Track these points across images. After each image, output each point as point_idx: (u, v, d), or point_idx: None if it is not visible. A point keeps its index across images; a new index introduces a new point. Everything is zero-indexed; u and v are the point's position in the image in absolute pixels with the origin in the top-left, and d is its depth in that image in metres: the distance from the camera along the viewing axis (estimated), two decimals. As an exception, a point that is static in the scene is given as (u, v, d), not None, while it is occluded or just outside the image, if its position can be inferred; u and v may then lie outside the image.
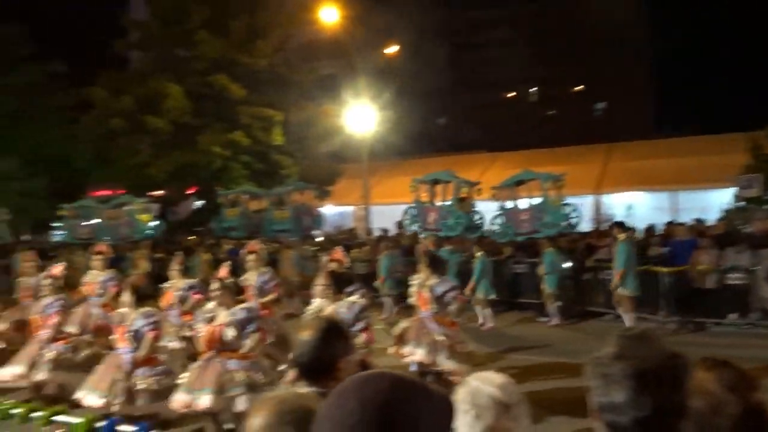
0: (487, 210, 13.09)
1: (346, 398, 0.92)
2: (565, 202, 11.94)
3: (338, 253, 6.33)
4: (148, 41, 21.76)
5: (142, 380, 5.27)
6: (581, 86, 34.41)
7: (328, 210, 21.32)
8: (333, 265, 5.93)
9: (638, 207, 19.61)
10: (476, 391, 1.72)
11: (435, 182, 13.37)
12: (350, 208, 24.17)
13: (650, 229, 13.62)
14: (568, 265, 11.55)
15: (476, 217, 12.89)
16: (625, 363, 1.29)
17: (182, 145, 19.71)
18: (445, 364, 5.58)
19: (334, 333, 2.02)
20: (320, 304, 5.76)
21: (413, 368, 5.83)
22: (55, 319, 6.05)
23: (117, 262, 12.20)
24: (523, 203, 12.50)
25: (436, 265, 6.00)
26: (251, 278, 6.95)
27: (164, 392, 5.31)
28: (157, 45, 21.41)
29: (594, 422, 1.35)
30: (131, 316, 5.47)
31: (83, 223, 16.88)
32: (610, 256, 11.24)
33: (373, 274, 12.55)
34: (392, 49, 21.99)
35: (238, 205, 17.09)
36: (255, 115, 19.79)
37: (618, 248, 9.78)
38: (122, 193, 21.36)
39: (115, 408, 5.04)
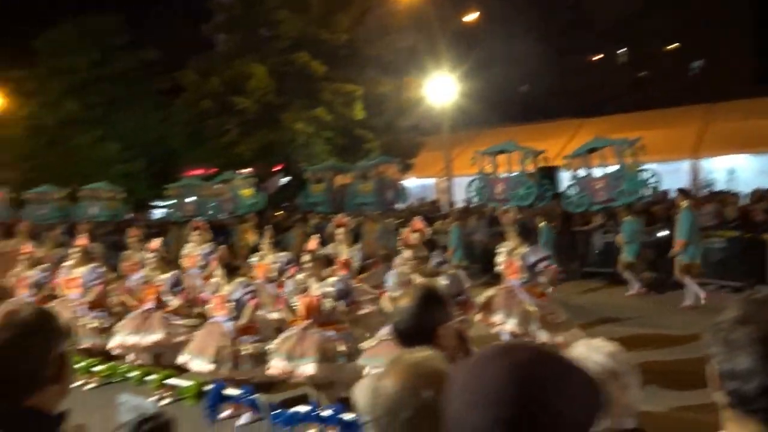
0: (564, 178, 12.82)
1: (486, 367, 0.86)
2: (642, 167, 11.41)
3: (418, 223, 6.36)
4: (232, 23, 22.41)
5: (246, 347, 5.53)
6: (675, 44, 32.23)
7: (410, 183, 21.36)
8: (415, 236, 5.96)
9: (741, 171, 18.35)
10: (584, 358, 1.69)
11: (500, 153, 13.27)
12: (432, 180, 24.12)
13: (755, 194, 12.75)
14: (664, 233, 11.06)
15: (546, 186, 12.72)
16: (750, 327, 1.21)
17: (267, 123, 20.30)
18: (537, 335, 5.48)
19: (432, 299, 2.03)
20: (404, 275, 5.80)
21: (505, 337, 5.77)
22: (183, 296, 6.46)
23: (222, 237, 12.88)
24: (598, 171, 12.11)
25: (526, 234, 5.88)
26: (341, 251, 7.10)
27: (262, 358, 5.56)
28: (241, 26, 22.01)
29: (714, 392, 1.29)
30: (226, 287, 5.74)
31: (187, 200, 17.81)
32: (710, 223, 10.69)
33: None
34: (472, 17, 21.49)
35: (323, 180, 17.45)
36: (336, 90, 20.03)
37: (680, 216, 9.34)
38: (214, 171, 22.35)
39: (223, 373, 5.34)
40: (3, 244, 11.75)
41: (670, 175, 18.36)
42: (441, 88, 19.39)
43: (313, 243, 5.93)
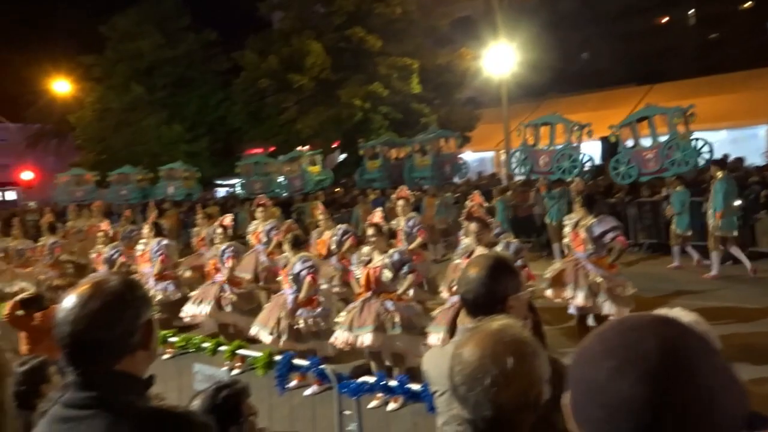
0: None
1: (637, 336, 0.82)
2: (694, 136, 10.95)
3: (477, 196, 6.31)
4: (288, 0, 22.52)
5: (303, 320, 5.65)
6: (749, 2, 30.26)
7: (468, 156, 21.10)
8: (475, 206, 5.91)
9: (824, 135, 17.26)
10: None
11: (544, 125, 13.17)
12: (490, 154, 23.75)
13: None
14: (737, 203, 10.53)
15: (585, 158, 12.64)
16: None
17: (325, 100, 20.43)
18: (605, 307, 5.34)
19: (502, 269, 1.99)
20: (469, 246, 5.77)
21: (572, 311, 5.66)
22: (229, 263, 6.67)
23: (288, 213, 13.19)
24: (647, 141, 11.72)
25: (591, 205, 5.71)
26: (401, 223, 7.12)
27: (324, 333, 5.67)
28: (297, 3, 22.10)
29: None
30: (292, 261, 5.87)
31: (254, 178, 18.35)
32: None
33: (516, 219, 12.43)
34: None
35: (378, 156, 17.47)
36: (392, 64, 19.91)
37: (714, 187, 8.86)
38: (272, 150, 22.75)
39: (282, 344, 5.48)
40: (81, 222, 12.39)
41: (747, 141, 17.45)
42: (499, 59, 18.92)
43: (377, 216, 5.95)
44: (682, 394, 0.76)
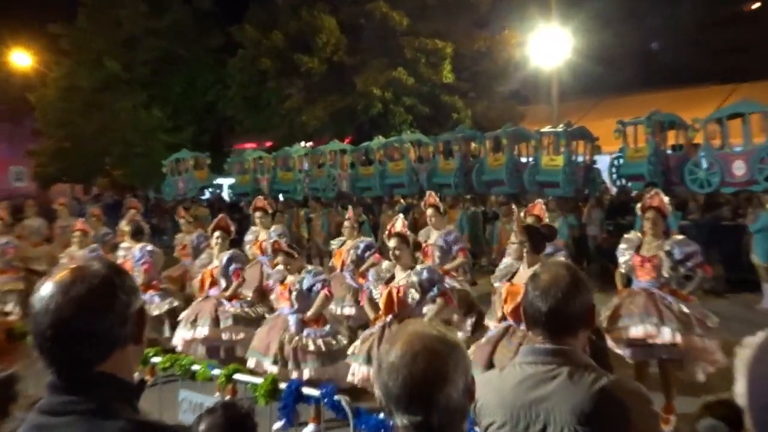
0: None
1: None
2: None
3: (538, 207, 6.36)
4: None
5: (312, 341, 5.71)
6: None
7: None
8: (530, 220, 5.97)
9: None
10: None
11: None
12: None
13: None
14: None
15: None
16: None
17: (337, 87, 20.64)
18: (696, 342, 5.26)
19: (583, 282, 2.02)
20: (511, 264, 5.85)
21: (628, 354, 5.57)
22: (238, 279, 6.79)
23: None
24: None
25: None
26: (432, 236, 7.17)
27: (332, 354, 5.72)
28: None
29: None
30: (290, 276, 5.99)
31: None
32: None
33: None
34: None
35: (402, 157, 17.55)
36: (420, 47, 20.11)
37: None
38: (268, 145, 22.96)
39: (289, 373, 5.54)
40: (38, 221, 12.61)
41: None
42: (550, 46, 19.05)
43: (400, 224, 5.96)
44: None
